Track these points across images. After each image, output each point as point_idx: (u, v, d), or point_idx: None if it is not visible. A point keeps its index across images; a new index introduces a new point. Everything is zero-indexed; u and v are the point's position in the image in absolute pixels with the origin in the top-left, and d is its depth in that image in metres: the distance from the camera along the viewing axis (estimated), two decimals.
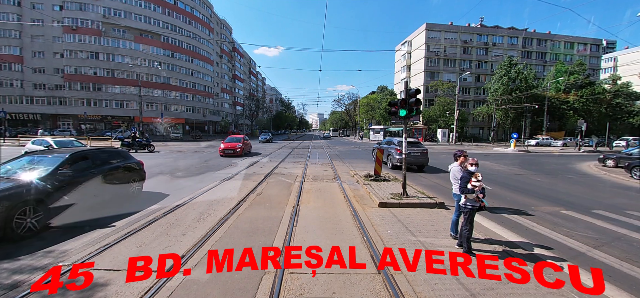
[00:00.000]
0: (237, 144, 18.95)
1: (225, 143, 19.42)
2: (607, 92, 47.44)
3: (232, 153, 18.62)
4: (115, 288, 3.44)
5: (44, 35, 46.44)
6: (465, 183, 4.32)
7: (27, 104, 47.51)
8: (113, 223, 5.60)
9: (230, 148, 18.70)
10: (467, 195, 4.31)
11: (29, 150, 14.34)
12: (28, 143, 15.10)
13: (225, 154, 18.42)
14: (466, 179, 4.33)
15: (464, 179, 4.36)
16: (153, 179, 11.00)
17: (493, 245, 4.91)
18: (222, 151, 18.58)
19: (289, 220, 6.07)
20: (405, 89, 7.72)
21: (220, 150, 18.74)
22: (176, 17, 52.60)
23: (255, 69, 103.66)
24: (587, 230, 5.99)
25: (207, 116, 62.48)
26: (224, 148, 18.69)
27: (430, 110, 51.21)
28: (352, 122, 78.32)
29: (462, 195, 4.40)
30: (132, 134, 22.48)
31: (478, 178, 4.31)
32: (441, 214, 6.66)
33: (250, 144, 22.37)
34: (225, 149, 18.59)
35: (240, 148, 18.83)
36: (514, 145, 31.09)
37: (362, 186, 9.40)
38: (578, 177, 13.43)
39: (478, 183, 4.27)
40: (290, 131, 72.33)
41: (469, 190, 4.27)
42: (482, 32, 58.36)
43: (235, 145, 18.93)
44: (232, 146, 18.82)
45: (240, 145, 19.00)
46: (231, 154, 18.55)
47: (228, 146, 18.83)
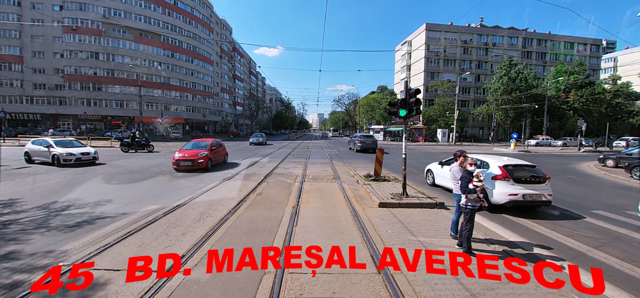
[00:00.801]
0: (197, 154, 13.01)
1: (181, 151, 13.46)
2: (607, 92, 47.45)
3: (191, 166, 12.58)
4: (115, 288, 3.44)
5: (44, 35, 46.43)
6: (466, 183, 4.32)
7: (27, 104, 47.51)
8: None
9: (189, 159, 12.68)
10: (468, 195, 4.32)
11: (29, 150, 14.33)
12: (28, 143, 15.08)
13: (180, 168, 12.63)
14: (467, 180, 4.34)
15: (465, 179, 4.36)
16: (153, 179, 11.00)
17: (493, 245, 4.91)
18: (176, 164, 12.66)
19: (289, 220, 6.07)
20: (405, 89, 7.73)
21: (174, 161, 12.81)
22: (176, 17, 52.58)
23: (255, 69, 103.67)
24: (587, 230, 5.99)
25: (207, 116, 62.46)
26: (178, 159, 12.69)
27: (430, 110, 51.21)
28: (352, 122, 78.29)
29: (463, 194, 4.40)
30: (132, 134, 22.44)
31: (480, 178, 4.32)
32: (441, 214, 6.65)
33: (226, 152, 16.29)
34: (179, 161, 12.62)
35: (203, 158, 12.94)
36: (514, 145, 31.11)
37: (362, 186, 9.40)
38: (578, 177, 13.42)
39: (480, 183, 4.28)
40: (290, 131, 72.25)
41: (471, 189, 4.27)
42: (482, 32, 58.37)
43: (195, 154, 12.93)
44: (191, 157, 12.79)
45: (203, 154, 13.11)
46: (188, 167, 12.61)
47: (185, 157, 12.78)
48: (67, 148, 13.87)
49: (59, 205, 7.05)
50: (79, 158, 13.70)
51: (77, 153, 13.72)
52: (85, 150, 14.42)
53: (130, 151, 21.22)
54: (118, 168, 13.48)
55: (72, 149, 13.96)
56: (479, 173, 4.40)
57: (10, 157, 16.60)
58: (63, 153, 13.37)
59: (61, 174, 11.49)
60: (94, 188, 9.32)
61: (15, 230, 5.34)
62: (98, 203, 7.27)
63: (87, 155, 14.14)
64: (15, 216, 6.15)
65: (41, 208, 6.81)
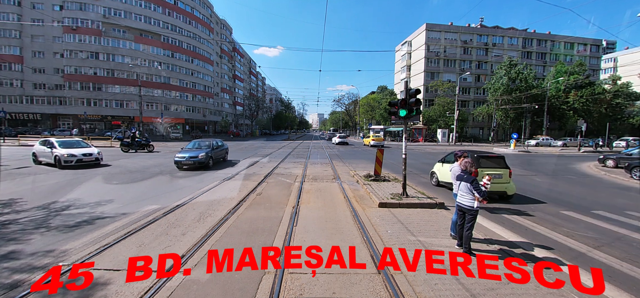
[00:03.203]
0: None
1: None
2: (607, 92, 47.43)
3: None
4: (115, 288, 3.44)
5: (44, 35, 46.41)
6: (478, 186, 4.35)
7: (27, 104, 47.49)
8: None
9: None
10: (484, 199, 4.39)
11: (37, 151, 14.25)
12: (36, 143, 14.91)
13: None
14: (477, 183, 4.37)
15: (476, 183, 4.37)
16: (153, 179, 11.00)
17: (493, 245, 4.91)
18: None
19: (289, 220, 6.07)
20: (405, 89, 7.73)
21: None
22: (176, 17, 52.57)
23: (255, 69, 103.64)
24: (587, 230, 5.99)
25: (207, 116, 62.45)
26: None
27: (430, 110, 51.20)
28: (352, 122, 78.23)
29: (481, 197, 4.38)
30: (132, 134, 22.45)
31: (490, 180, 4.48)
32: (441, 214, 6.65)
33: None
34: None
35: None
36: (514, 145, 31.09)
37: (362, 186, 9.40)
38: (578, 177, 13.42)
39: (490, 184, 4.44)
40: (290, 131, 72.24)
41: (484, 192, 4.35)
42: (482, 32, 58.35)
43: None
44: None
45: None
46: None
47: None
48: (69, 149, 13.66)
49: (59, 205, 7.04)
50: (80, 159, 13.47)
51: (78, 154, 13.49)
52: (88, 151, 13.95)
53: (130, 151, 21.23)
54: (118, 168, 13.48)
55: (75, 149, 13.75)
56: (489, 175, 4.48)
57: (10, 157, 16.60)
58: (64, 154, 13.22)
59: (61, 175, 11.49)
60: (94, 188, 9.32)
61: (15, 230, 5.34)
62: (98, 203, 7.27)
63: (89, 156, 13.83)
64: (16, 216, 6.15)
65: (41, 208, 6.81)
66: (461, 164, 4.93)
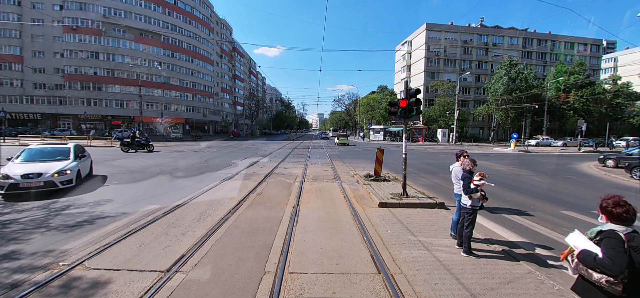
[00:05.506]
0: None
1: None
2: (607, 92, 47.42)
3: None
4: (115, 288, 3.43)
5: (44, 35, 46.41)
6: (468, 183, 4.31)
7: (27, 104, 47.49)
8: None
9: None
10: (471, 195, 4.30)
11: None
12: None
13: None
14: (469, 180, 4.33)
15: (467, 179, 4.34)
16: (153, 179, 11.00)
17: (493, 245, 4.90)
18: None
19: (289, 219, 6.07)
20: (406, 89, 7.72)
21: None
22: (176, 17, 52.56)
23: (255, 69, 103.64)
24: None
25: (207, 116, 62.44)
26: None
27: (430, 110, 51.20)
28: (352, 122, 78.21)
29: (465, 195, 4.38)
30: (132, 134, 22.48)
31: (484, 175, 4.33)
32: (441, 214, 6.65)
33: None
34: None
35: None
36: (514, 145, 31.08)
37: (362, 186, 9.40)
38: (578, 177, 13.42)
39: (481, 181, 4.28)
40: (290, 131, 72.23)
41: (472, 189, 4.27)
42: (482, 32, 58.33)
43: None
44: None
45: None
46: None
47: None
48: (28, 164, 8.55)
49: (59, 205, 7.05)
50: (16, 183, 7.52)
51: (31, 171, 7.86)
52: (57, 167, 8.34)
53: (130, 151, 21.23)
54: (118, 168, 13.47)
55: (38, 165, 8.40)
56: (482, 172, 4.41)
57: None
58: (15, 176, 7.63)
59: None
60: (94, 188, 9.32)
61: (15, 230, 5.34)
62: (98, 202, 7.27)
63: (62, 175, 8.23)
64: (16, 216, 6.15)
65: (41, 207, 6.81)
66: (462, 163, 4.93)
